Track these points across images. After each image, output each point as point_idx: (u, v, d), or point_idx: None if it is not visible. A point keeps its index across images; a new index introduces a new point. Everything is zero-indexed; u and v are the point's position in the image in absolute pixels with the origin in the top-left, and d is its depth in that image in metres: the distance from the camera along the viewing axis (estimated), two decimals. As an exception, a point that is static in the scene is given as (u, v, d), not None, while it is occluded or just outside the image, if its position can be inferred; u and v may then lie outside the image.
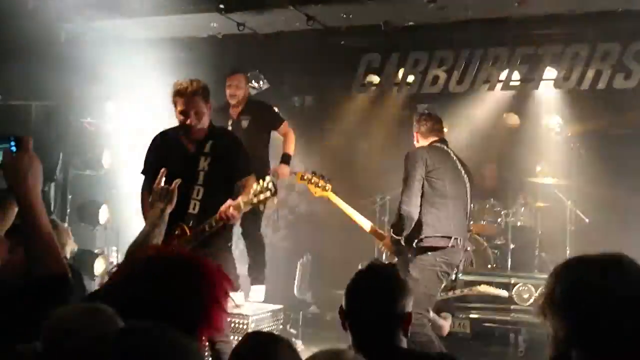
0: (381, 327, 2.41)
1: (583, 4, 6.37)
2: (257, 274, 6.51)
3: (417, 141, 5.38)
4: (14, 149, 2.10)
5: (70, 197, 7.19)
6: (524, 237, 7.58)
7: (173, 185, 3.20)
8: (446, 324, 5.58)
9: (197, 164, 4.34)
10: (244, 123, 6.41)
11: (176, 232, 4.13)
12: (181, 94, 4.27)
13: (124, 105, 7.63)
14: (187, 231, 4.23)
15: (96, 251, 6.87)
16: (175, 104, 4.34)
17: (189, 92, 4.25)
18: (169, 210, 3.12)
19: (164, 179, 3.32)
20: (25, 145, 2.09)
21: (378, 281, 2.48)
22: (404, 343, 2.45)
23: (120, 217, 7.38)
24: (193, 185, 4.26)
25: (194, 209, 4.26)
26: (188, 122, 4.27)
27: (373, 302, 2.43)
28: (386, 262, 2.57)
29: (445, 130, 5.88)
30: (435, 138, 5.30)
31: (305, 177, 5.51)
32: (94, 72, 6.82)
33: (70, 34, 6.66)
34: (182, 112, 4.28)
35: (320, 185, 5.47)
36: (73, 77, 6.59)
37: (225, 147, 4.43)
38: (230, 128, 6.16)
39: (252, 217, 6.39)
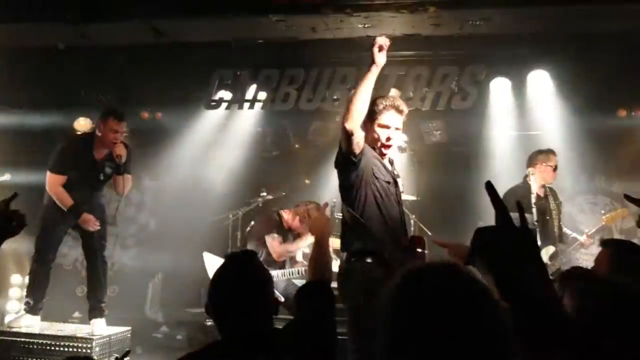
0: (251, 315, 2.37)
1: (424, 28, 6.70)
2: (99, 303, 6.20)
3: None
4: None
5: None
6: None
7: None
8: None
9: None
10: (108, 170, 6.11)
11: None
12: None
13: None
14: None
15: None
16: None
17: None
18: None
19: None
20: None
21: (242, 270, 2.43)
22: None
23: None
24: None
25: None
26: None
27: (239, 292, 2.38)
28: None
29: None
30: None
31: None
32: None
33: None
34: None
35: None
36: None
37: None
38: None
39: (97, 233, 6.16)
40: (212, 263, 6.41)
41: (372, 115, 4.24)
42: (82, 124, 7.84)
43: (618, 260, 2.82)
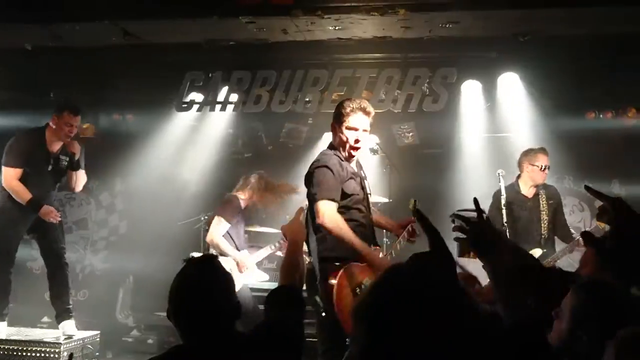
0: (214, 317, 2.34)
1: (395, 31, 6.73)
2: (66, 305, 6.14)
3: None
4: None
5: None
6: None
7: None
8: None
9: None
10: (63, 163, 6.11)
11: None
12: None
13: None
14: None
15: None
16: None
17: None
18: None
19: None
20: None
21: (202, 273, 2.41)
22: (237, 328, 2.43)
23: None
24: None
25: None
26: None
27: (199, 295, 2.35)
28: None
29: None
30: None
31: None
32: None
33: None
34: None
35: None
36: None
37: None
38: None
39: (54, 233, 6.09)
40: None
41: (339, 118, 4.26)
42: None
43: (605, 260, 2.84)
